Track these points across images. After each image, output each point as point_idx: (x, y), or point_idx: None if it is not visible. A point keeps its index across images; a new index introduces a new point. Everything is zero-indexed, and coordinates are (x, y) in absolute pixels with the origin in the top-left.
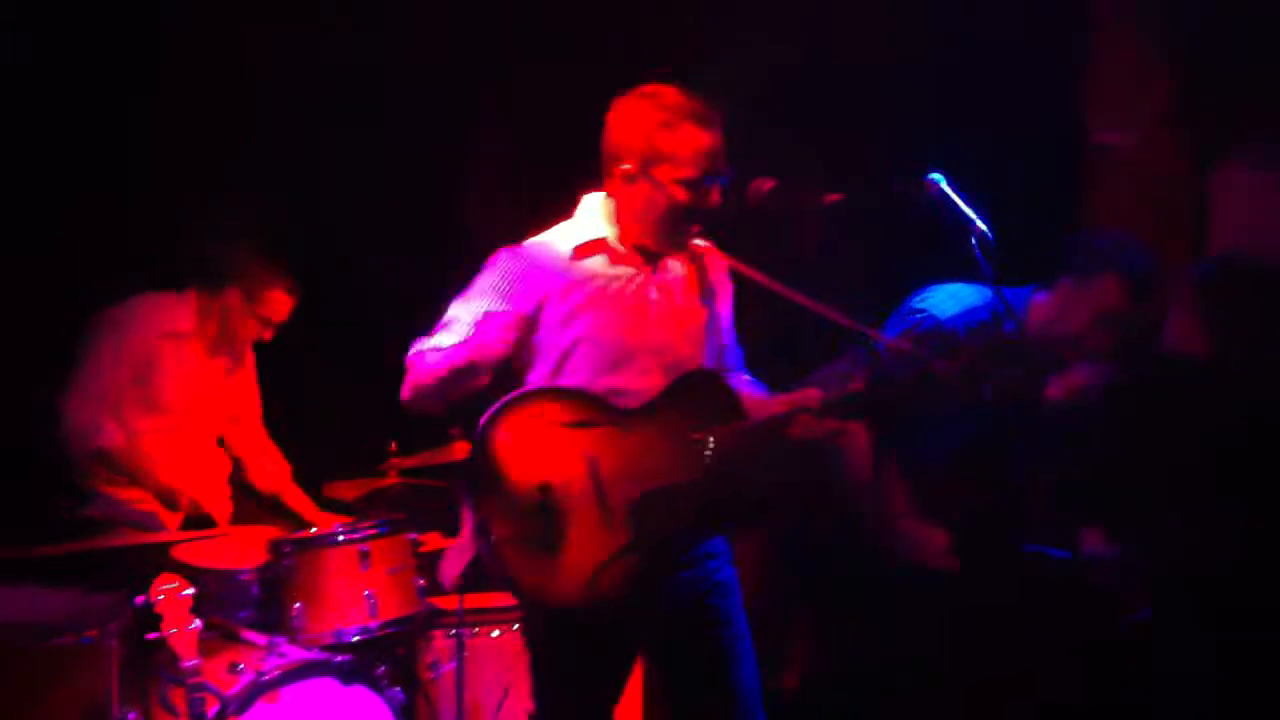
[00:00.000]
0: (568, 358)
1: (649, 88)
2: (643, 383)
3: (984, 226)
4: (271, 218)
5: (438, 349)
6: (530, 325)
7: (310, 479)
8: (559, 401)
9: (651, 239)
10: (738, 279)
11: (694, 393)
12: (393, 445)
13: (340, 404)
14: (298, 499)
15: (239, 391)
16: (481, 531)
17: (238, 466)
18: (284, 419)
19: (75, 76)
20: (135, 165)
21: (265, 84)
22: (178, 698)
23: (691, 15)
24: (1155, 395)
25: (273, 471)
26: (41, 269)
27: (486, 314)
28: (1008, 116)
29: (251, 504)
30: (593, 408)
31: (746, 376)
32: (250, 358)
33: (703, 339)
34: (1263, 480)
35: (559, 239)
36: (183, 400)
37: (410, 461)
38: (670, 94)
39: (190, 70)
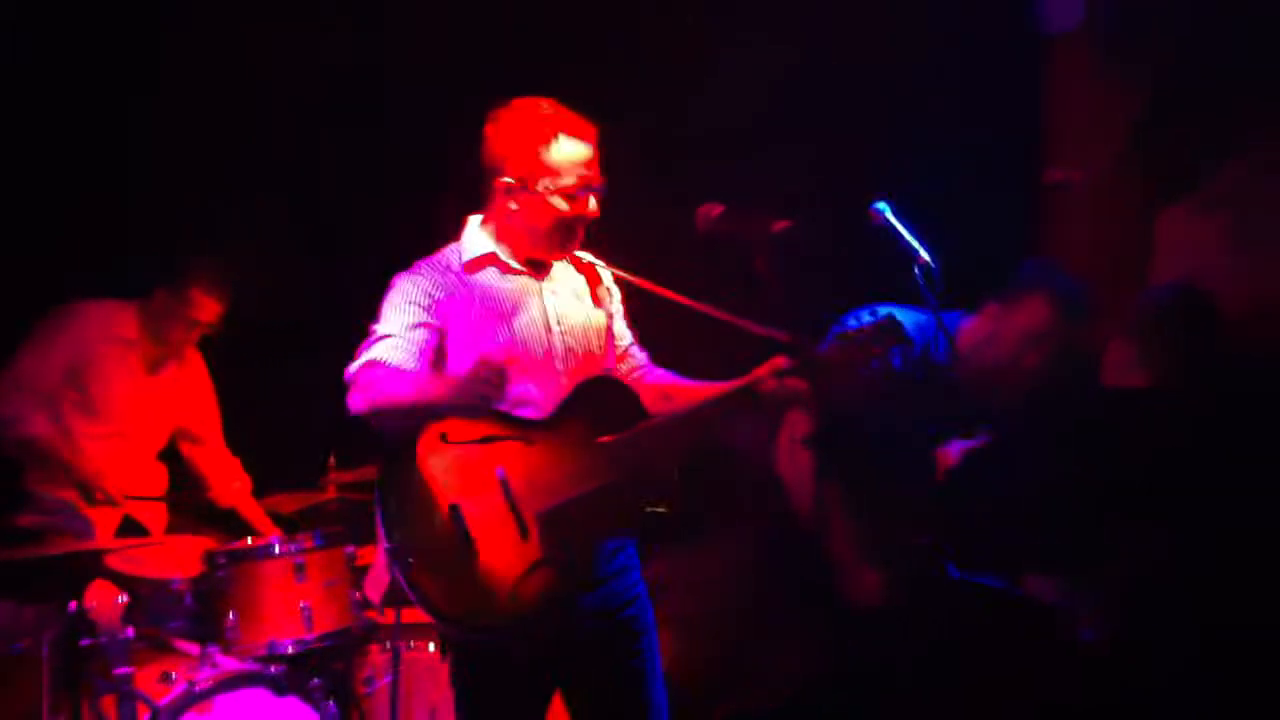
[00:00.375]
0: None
1: (523, 101)
2: (549, 390)
3: (928, 256)
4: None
5: (398, 371)
6: (441, 341)
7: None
8: (463, 418)
9: (537, 250)
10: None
11: (594, 399)
12: (331, 459)
13: (278, 417)
14: (254, 513)
15: (188, 405)
16: (396, 557)
17: (200, 483)
18: (224, 433)
19: (56, 76)
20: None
21: (252, 84)
22: (109, 706)
23: (692, 15)
24: (1097, 423)
25: (234, 488)
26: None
27: (420, 330)
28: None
29: (188, 515)
30: (497, 422)
31: (662, 370)
32: (200, 372)
33: (602, 342)
34: (1209, 500)
35: (450, 257)
36: (121, 407)
37: (348, 476)
38: (545, 107)
39: (175, 70)
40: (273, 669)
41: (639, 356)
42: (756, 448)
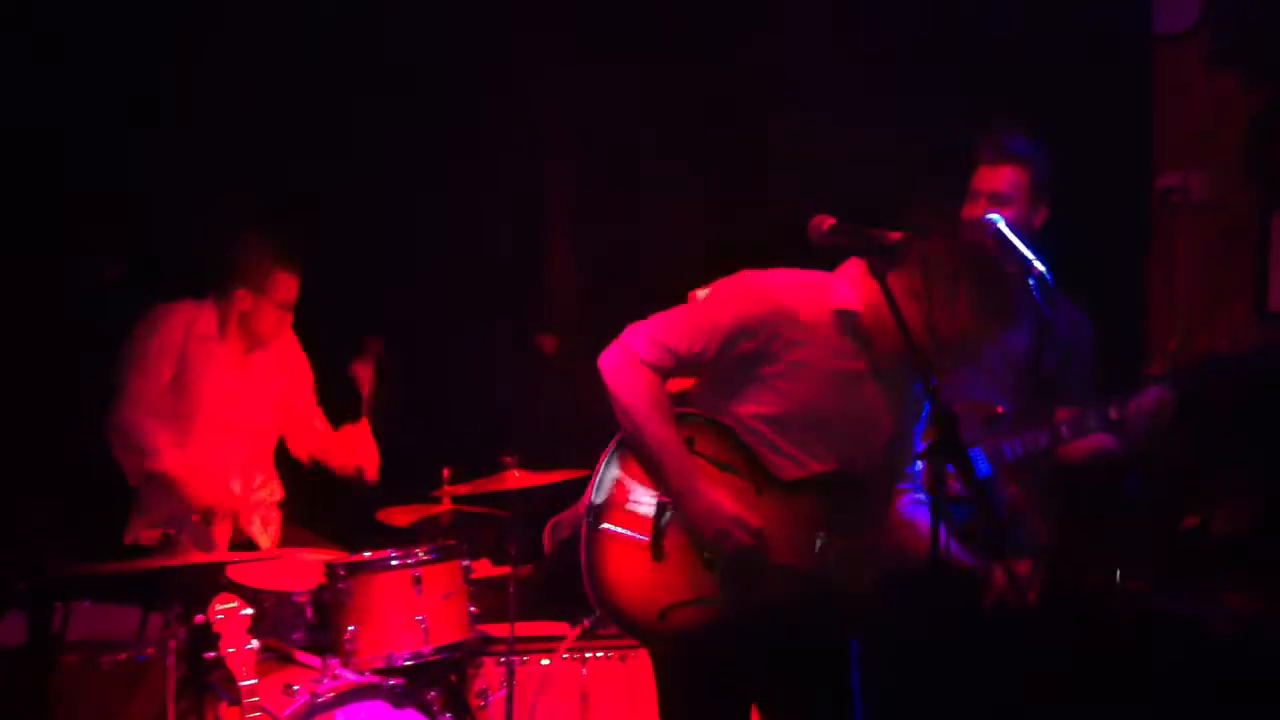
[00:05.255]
0: (782, 409)
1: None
2: (823, 464)
3: (1042, 267)
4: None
5: (661, 407)
6: (753, 358)
7: (364, 505)
8: (717, 437)
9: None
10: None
11: (842, 490)
12: (446, 472)
13: (394, 430)
14: (343, 443)
15: (285, 384)
16: (591, 515)
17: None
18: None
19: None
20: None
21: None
22: (233, 717)
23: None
24: None
25: (315, 429)
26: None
27: (704, 356)
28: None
29: (301, 528)
30: (742, 458)
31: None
32: (293, 349)
33: (901, 448)
34: None
35: (816, 293)
36: (220, 406)
37: (463, 489)
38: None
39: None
40: (391, 681)
41: (906, 479)
42: None
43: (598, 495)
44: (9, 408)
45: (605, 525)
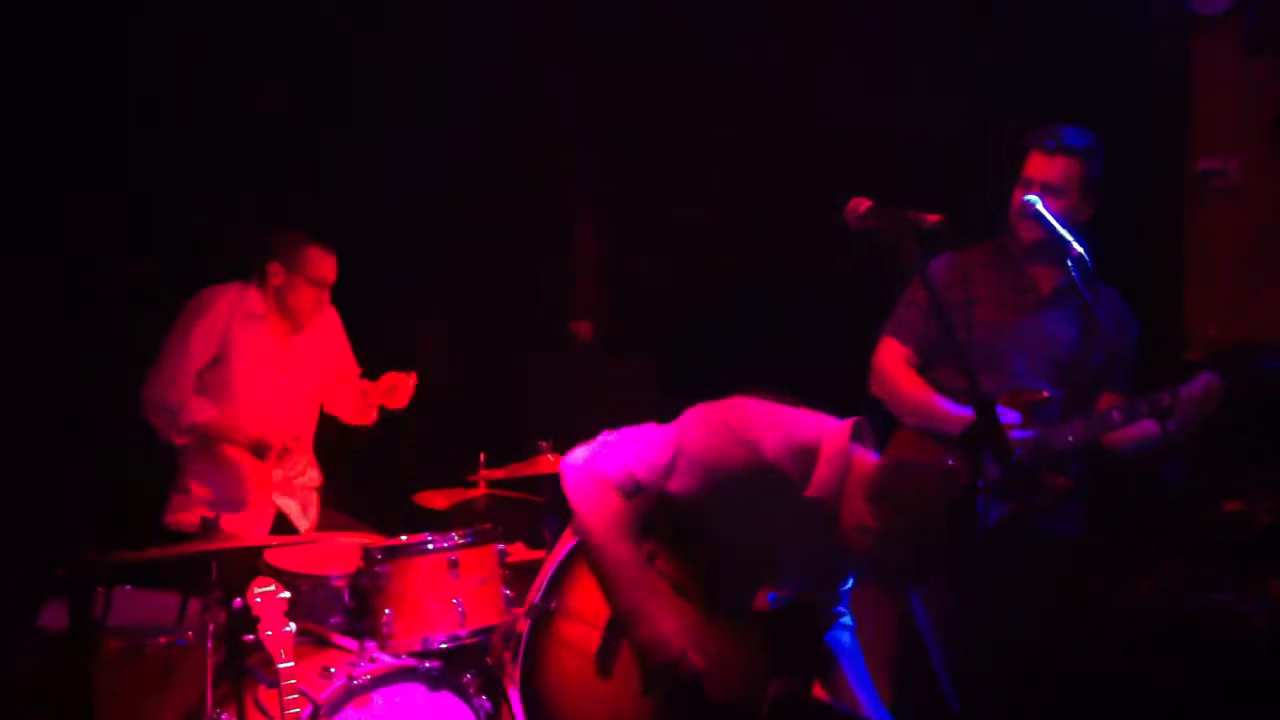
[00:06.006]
0: (725, 546)
1: None
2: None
3: (1080, 248)
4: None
5: (615, 528)
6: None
7: (401, 489)
8: (678, 556)
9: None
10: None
11: (789, 626)
12: (482, 457)
13: (431, 415)
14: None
15: (327, 357)
16: (536, 614)
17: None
18: (376, 429)
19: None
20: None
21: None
22: (271, 700)
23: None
24: None
25: (361, 403)
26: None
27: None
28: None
29: (338, 513)
30: (698, 584)
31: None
32: (333, 324)
33: (836, 580)
34: None
35: (801, 460)
36: (260, 386)
37: (499, 473)
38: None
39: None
40: (427, 664)
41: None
42: None
43: (547, 596)
44: (9, 407)
45: (554, 629)
